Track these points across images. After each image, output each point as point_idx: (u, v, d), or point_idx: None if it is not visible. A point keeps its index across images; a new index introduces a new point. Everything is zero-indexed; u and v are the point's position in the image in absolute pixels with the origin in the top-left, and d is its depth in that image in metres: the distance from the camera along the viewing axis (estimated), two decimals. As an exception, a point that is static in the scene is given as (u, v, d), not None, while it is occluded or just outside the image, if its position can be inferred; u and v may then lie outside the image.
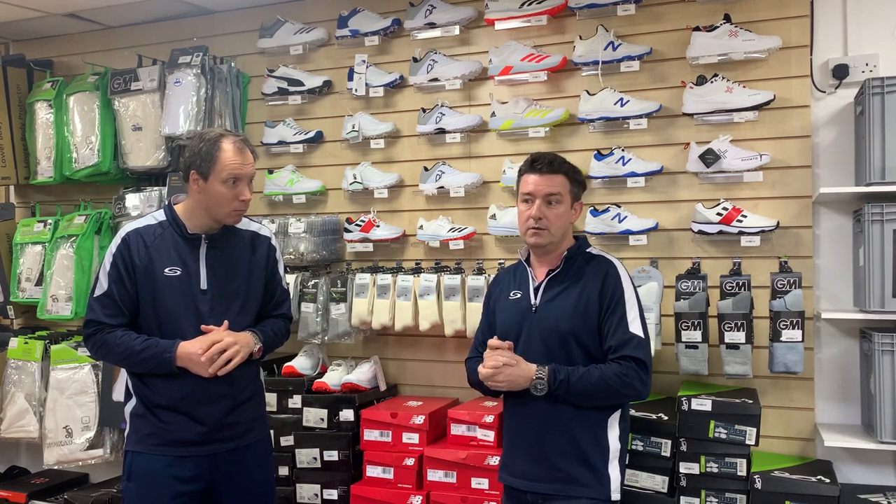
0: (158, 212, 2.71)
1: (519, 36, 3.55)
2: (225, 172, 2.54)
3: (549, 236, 2.46)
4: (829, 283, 3.18)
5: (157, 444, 2.56)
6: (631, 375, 2.34)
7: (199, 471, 2.57)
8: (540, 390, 2.35)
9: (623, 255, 3.26)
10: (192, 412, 2.55)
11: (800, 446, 3.15)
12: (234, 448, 2.61)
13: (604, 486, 2.37)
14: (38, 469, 4.39)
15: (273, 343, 2.76)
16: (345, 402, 3.43)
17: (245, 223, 2.75)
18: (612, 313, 2.39)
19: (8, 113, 4.36)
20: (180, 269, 2.58)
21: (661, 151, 3.35)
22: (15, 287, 4.26)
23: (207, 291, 2.60)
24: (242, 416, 2.64)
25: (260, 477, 2.70)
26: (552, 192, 2.45)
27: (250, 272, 2.69)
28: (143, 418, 2.59)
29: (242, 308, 2.66)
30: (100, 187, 4.38)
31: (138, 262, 2.56)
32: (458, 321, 3.43)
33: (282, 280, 2.84)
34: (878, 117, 2.85)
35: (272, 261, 2.78)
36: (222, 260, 2.64)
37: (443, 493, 3.14)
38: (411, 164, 3.76)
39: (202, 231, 2.63)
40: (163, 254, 2.58)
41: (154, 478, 2.55)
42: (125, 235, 2.61)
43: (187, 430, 2.55)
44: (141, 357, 2.52)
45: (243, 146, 2.59)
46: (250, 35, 4.08)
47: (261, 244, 2.75)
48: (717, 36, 3.18)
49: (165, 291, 2.56)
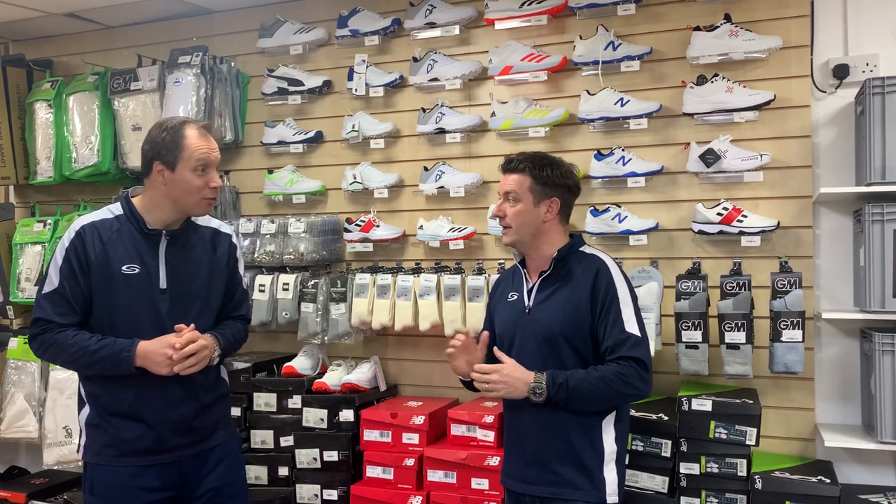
0: (115, 205, 2.52)
1: (519, 36, 3.55)
2: (193, 159, 2.41)
3: (512, 234, 2.50)
4: (830, 283, 3.18)
5: (116, 456, 2.43)
6: (631, 375, 2.32)
7: (165, 478, 2.46)
8: (539, 395, 2.33)
9: (623, 255, 3.26)
10: (149, 418, 2.42)
11: (800, 446, 3.15)
12: (198, 452, 2.51)
13: (598, 490, 2.36)
14: (37, 469, 4.38)
15: (231, 347, 2.64)
16: (345, 402, 3.43)
17: (205, 220, 2.63)
18: (607, 313, 2.37)
19: (8, 113, 4.35)
20: (139, 266, 2.43)
21: (662, 151, 3.35)
22: (14, 287, 4.25)
23: (167, 291, 2.46)
24: (205, 421, 2.53)
25: (229, 478, 2.59)
26: (508, 190, 2.49)
27: (211, 271, 2.57)
28: (98, 428, 2.45)
29: (203, 309, 2.54)
30: (99, 187, 4.38)
31: (93, 257, 2.40)
32: (458, 321, 3.42)
33: (241, 280, 2.72)
34: (878, 117, 2.84)
35: (233, 260, 2.66)
36: (182, 258, 2.51)
37: (443, 494, 3.14)
38: (411, 164, 3.76)
39: (163, 226, 2.48)
40: (120, 250, 2.42)
41: (118, 490, 2.42)
42: (79, 229, 2.42)
43: (145, 439, 2.42)
44: (96, 357, 2.36)
45: (206, 132, 2.47)
46: (250, 35, 4.08)
47: (221, 242, 2.63)
48: (717, 36, 3.18)
49: (123, 290, 2.41)
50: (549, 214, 2.49)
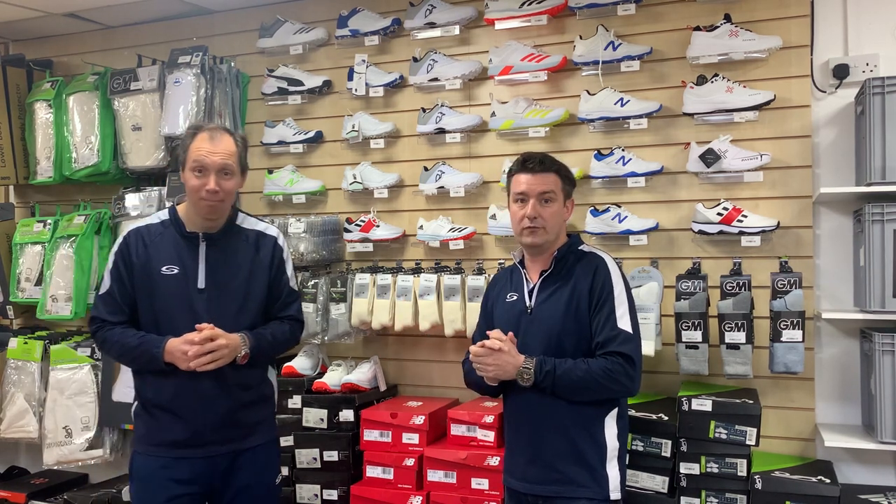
0: (163, 211, 2.72)
1: (519, 36, 3.55)
2: (191, 160, 2.53)
3: (544, 234, 2.47)
4: (830, 283, 3.18)
5: (151, 445, 2.58)
6: (617, 371, 2.33)
7: (195, 473, 2.54)
8: (526, 380, 2.36)
9: (623, 255, 3.26)
10: (181, 412, 2.54)
11: (800, 446, 3.15)
12: (232, 451, 2.59)
13: (601, 486, 2.37)
14: (37, 469, 4.39)
15: (270, 347, 2.68)
16: (345, 402, 3.43)
17: (251, 222, 2.74)
18: (601, 309, 2.40)
19: (7, 113, 4.35)
20: (178, 267, 2.58)
21: (662, 151, 3.35)
22: (14, 287, 4.25)
23: (204, 291, 2.57)
24: (242, 420, 2.61)
25: (261, 481, 2.66)
26: (545, 191, 2.46)
27: (251, 272, 2.65)
28: (140, 418, 2.63)
29: (241, 308, 2.63)
30: (99, 187, 4.38)
31: (136, 260, 2.58)
32: (458, 321, 3.43)
33: (289, 281, 2.77)
34: (878, 117, 2.84)
35: (277, 261, 2.72)
36: (223, 259, 2.62)
37: (443, 494, 3.14)
38: (411, 164, 3.76)
39: (199, 229, 2.61)
40: (161, 252, 2.59)
41: (150, 478, 2.56)
42: (126, 235, 2.63)
43: (176, 431, 2.54)
44: (135, 353, 2.55)
45: (215, 135, 2.55)
46: (250, 35, 4.08)
47: (265, 244, 2.71)
48: (717, 36, 3.18)
49: (162, 290, 2.56)
50: (568, 214, 2.55)
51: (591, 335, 2.40)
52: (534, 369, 2.36)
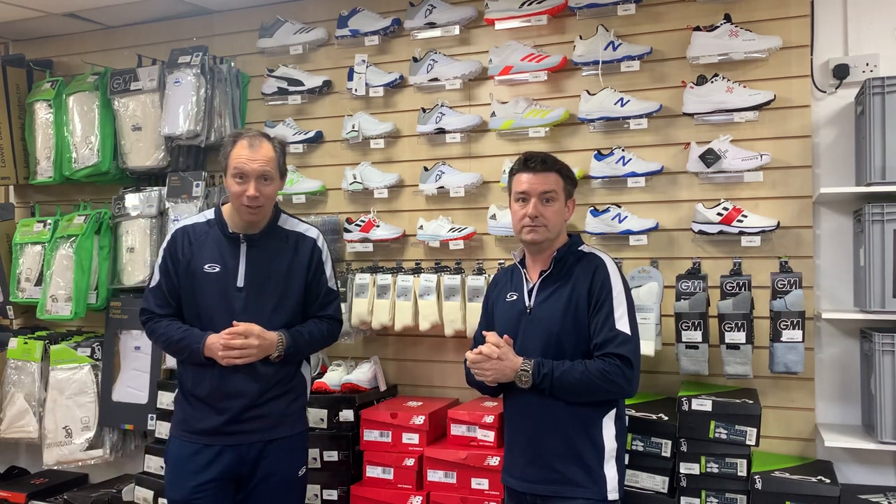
0: (209, 210, 2.86)
1: (519, 36, 3.55)
2: (231, 167, 2.67)
3: (545, 232, 2.47)
4: (830, 283, 3.18)
5: (186, 431, 2.73)
6: (614, 372, 2.33)
7: (224, 461, 2.67)
8: (524, 382, 2.37)
9: (623, 255, 3.26)
10: (215, 403, 2.68)
11: (800, 446, 3.15)
12: (260, 441, 2.70)
13: (599, 486, 2.37)
14: (37, 469, 4.39)
15: (307, 345, 2.81)
16: (345, 402, 3.43)
17: (293, 223, 2.86)
18: (599, 310, 2.40)
19: (8, 113, 4.36)
20: (219, 266, 2.72)
21: (662, 151, 3.35)
22: (14, 287, 4.25)
23: (243, 289, 2.71)
24: (271, 412, 2.72)
25: (285, 471, 2.76)
26: (547, 190, 2.46)
27: (289, 272, 2.77)
28: (179, 405, 2.80)
29: (277, 307, 2.74)
30: (99, 187, 4.38)
31: (181, 257, 2.74)
32: (458, 321, 3.43)
33: (328, 281, 2.88)
34: (878, 117, 2.84)
35: (316, 261, 2.83)
36: (263, 259, 2.74)
37: (443, 494, 3.14)
38: (411, 164, 3.76)
39: (240, 230, 2.75)
40: (205, 251, 2.74)
41: (181, 462, 2.70)
42: (174, 232, 2.80)
43: (209, 420, 2.68)
44: (178, 346, 2.71)
45: (254, 142, 2.68)
46: (250, 35, 4.08)
47: (305, 245, 2.82)
48: (717, 36, 3.18)
49: (204, 287, 2.71)
50: (569, 213, 2.56)
51: (590, 336, 2.40)
52: (531, 371, 2.36)
